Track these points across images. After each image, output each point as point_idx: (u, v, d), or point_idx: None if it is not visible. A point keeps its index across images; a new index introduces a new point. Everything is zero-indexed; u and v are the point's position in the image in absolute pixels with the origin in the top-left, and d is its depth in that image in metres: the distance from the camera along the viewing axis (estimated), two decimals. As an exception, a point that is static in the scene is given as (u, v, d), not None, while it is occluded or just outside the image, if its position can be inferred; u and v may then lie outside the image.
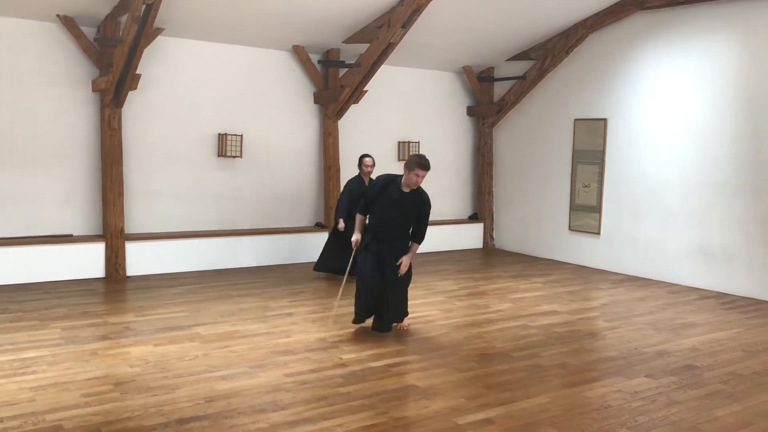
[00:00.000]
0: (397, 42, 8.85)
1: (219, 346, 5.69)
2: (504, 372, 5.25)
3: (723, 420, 4.43)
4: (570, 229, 10.35)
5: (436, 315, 6.97)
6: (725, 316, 7.28)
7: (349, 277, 6.78)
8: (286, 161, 9.78)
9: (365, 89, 9.64)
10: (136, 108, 8.52)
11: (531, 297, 7.93)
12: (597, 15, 9.56)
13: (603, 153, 9.81)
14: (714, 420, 4.42)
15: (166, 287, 7.87)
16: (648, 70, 9.23)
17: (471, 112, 11.59)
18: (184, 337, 5.90)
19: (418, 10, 8.28)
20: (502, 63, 11.14)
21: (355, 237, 6.19)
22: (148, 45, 7.93)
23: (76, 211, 8.35)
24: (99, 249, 8.27)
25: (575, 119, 10.18)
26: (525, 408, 4.52)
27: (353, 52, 9.55)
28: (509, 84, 11.08)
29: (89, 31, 8.07)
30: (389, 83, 10.49)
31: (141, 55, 7.69)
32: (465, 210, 11.79)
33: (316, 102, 9.92)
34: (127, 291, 7.71)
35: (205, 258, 8.96)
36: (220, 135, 9.14)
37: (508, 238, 11.50)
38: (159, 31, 8.06)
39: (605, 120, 9.77)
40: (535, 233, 10.93)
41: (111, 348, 5.57)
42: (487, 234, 11.68)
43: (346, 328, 6.34)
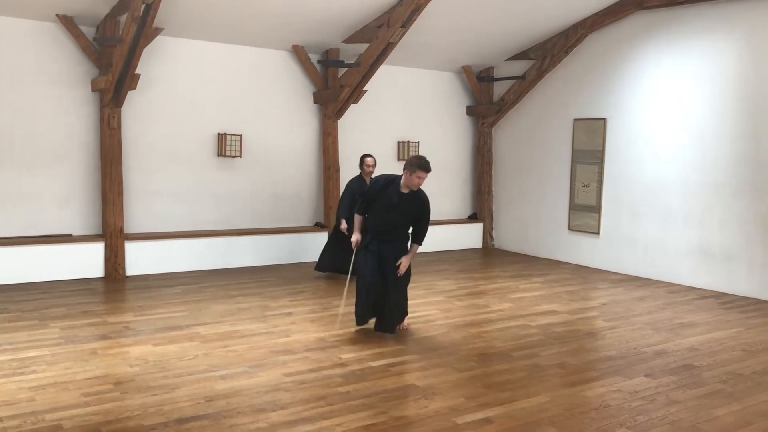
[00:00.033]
0: (397, 42, 8.86)
1: (218, 345, 5.69)
2: (503, 372, 5.25)
3: (722, 419, 4.43)
4: (569, 229, 10.36)
5: (435, 315, 6.97)
6: (724, 315, 7.28)
7: (352, 278, 6.77)
8: (285, 161, 9.78)
9: (365, 89, 9.64)
10: (135, 108, 8.53)
11: (530, 297, 7.93)
12: (596, 15, 9.56)
13: (602, 153, 9.81)
14: (713, 419, 4.42)
15: (165, 287, 7.87)
16: (647, 70, 9.24)
17: (470, 111, 11.59)
18: (183, 337, 5.90)
19: (417, 9, 8.28)
20: (501, 63, 11.14)
21: (356, 237, 6.19)
22: (147, 45, 7.94)
23: (75, 211, 8.35)
24: (98, 249, 8.27)
25: (575, 119, 10.18)
26: (524, 408, 4.53)
27: (353, 51, 9.55)
28: (509, 84, 11.08)
29: (89, 31, 8.07)
30: (389, 83, 10.49)
31: (140, 55, 7.70)
32: (464, 210, 11.79)
33: (315, 102, 9.93)
34: (127, 291, 7.71)
35: (205, 258, 8.96)
36: (219, 135, 9.14)
37: (507, 237, 11.50)
38: (158, 31, 8.07)
39: (605, 120, 9.78)
40: (535, 233, 10.93)
41: (110, 347, 5.57)
42: (487, 234, 11.68)
43: (345, 327, 6.34)
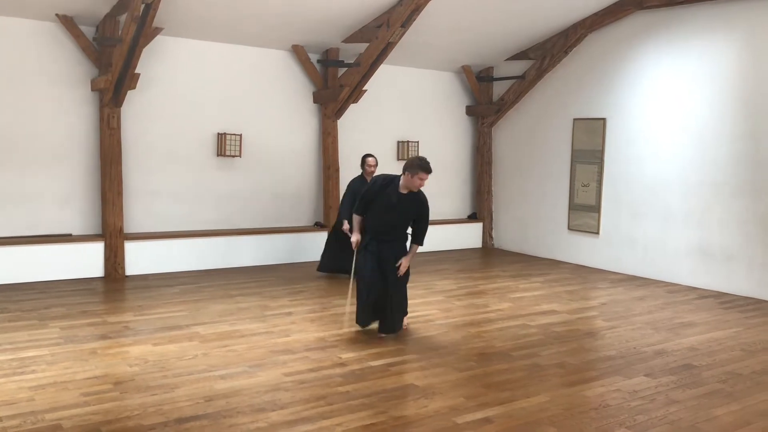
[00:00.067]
0: (396, 41, 8.86)
1: (218, 345, 5.69)
2: (503, 371, 5.26)
3: (721, 419, 4.43)
4: (569, 229, 10.36)
5: (435, 314, 6.97)
6: (724, 315, 7.28)
7: (355, 278, 6.76)
8: (285, 161, 9.78)
9: (364, 89, 9.64)
10: (135, 107, 8.52)
11: (530, 296, 7.93)
12: (596, 15, 9.56)
13: (602, 153, 9.82)
14: (712, 419, 4.43)
15: (165, 287, 7.87)
16: (647, 69, 9.24)
17: (470, 111, 11.59)
18: (183, 337, 5.90)
19: (417, 9, 8.28)
20: (501, 63, 11.14)
21: (356, 237, 6.17)
22: (147, 44, 7.94)
23: (75, 211, 8.35)
24: (98, 248, 8.27)
25: (574, 119, 10.18)
26: (524, 407, 4.53)
27: (352, 51, 9.55)
28: (508, 84, 11.08)
29: (88, 31, 8.06)
30: (388, 83, 10.49)
31: (140, 55, 7.70)
32: (464, 209, 11.79)
33: (315, 101, 9.93)
34: (126, 290, 7.70)
35: (204, 257, 8.96)
36: (219, 134, 9.14)
37: (507, 237, 11.50)
38: (158, 31, 8.07)
39: (604, 120, 9.78)
40: (534, 233, 10.93)
41: (110, 347, 5.57)
42: (486, 233, 11.68)
43: (345, 327, 6.35)
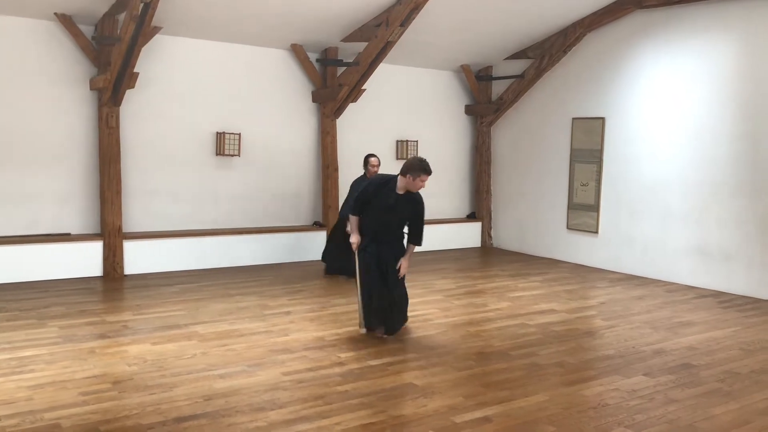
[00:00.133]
0: (396, 41, 8.85)
1: (217, 344, 5.69)
2: (502, 370, 5.26)
3: (720, 418, 4.43)
4: (568, 228, 10.36)
5: (434, 314, 6.97)
6: (723, 314, 7.29)
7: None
8: (284, 160, 9.77)
9: (363, 88, 9.63)
10: (133, 106, 8.52)
11: (529, 296, 7.94)
12: (595, 14, 9.56)
13: (601, 152, 9.81)
14: (711, 418, 4.43)
15: (163, 286, 7.86)
16: (646, 69, 9.24)
17: (469, 110, 11.59)
18: (182, 336, 5.90)
19: (416, 8, 8.27)
20: (500, 62, 11.14)
21: (356, 238, 6.10)
22: (145, 43, 7.93)
23: (74, 210, 8.34)
24: (97, 248, 8.27)
25: (573, 118, 10.18)
26: (523, 406, 4.53)
27: (351, 50, 9.55)
28: (507, 83, 11.08)
29: (87, 30, 8.06)
30: (387, 82, 10.48)
31: (139, 54, 7.69)
32: (463, 209, 11.79)
33: (314, 101, 9.92)
34: (125, 290, 7.70)
35: (203, 257, 8.96)
36: (218, 134, 9.13)
37: (506, 236, 11.50)
38: (157, 30, 8.06)
39: (603, 119, 9.78)
40: (533, 232, 10.93)
41: (109, 346, 5.57)
42: (485, 233, 11.68)
43: (344, 327, 6.35)
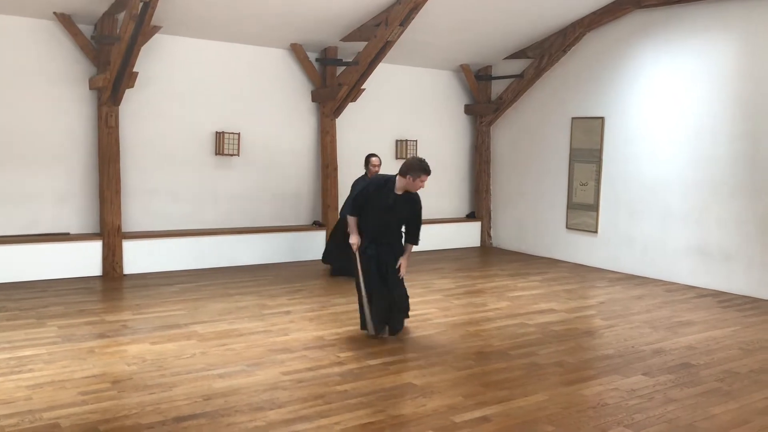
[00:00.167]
0: (395, 40, 8.85)
1: (216, 344, 5.69)
2: (501, 370, 5.26)
3: (719, 418, 4.44)
4: (567, 228, 10.36)
5: (433, 313, 6.97)
6: (722, 314, 7.29)
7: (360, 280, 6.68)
8: (283, 159, 9.77)
9: (363, 87, 9.63)
10: (133, 106, 8.51)
11: (528, 295, 7.94)
12: (594, 14, 9.56)
13: (600, 151, 9.81)
14: (710, 418, 4.43)
15: (163, 285, 7.86)
16: (645, 68, 9.24)
17: (469, 110, 11.59)
18: (181, 336, 5.90)
19: (415, 8, 8.27)
20: (499, 61, 11.14)
21: (356, 239, 6.05)
22: (145, 43, 7.93)
23: (73, 210, 8.33)
24: (96, 247, 8.26)
25: (572, 118, 10.18)
26: (522, 406, 4.53)
27: (351, 50, 9.54)
28: (507, 82, 11.08)
29: (86, 29, 8.05)
30: (387, 81, 10.47)
31: (138, 53, 7.68)
32: (462, 208, 11.79)
33: (313, 100, 9.92)
34: (124, 289, 7.70)
35: (203, 256, 8.95)
36: (217, 133, 9.13)
37: (505, 236, 11.50)
38: (156, 29, 8.05)
39: (602, 118, 9.78)
40: (533, 232, 10.93)
41: (108, 346, 5.57)
42: (485, 232, 11.68)
43: (344, 326, 6.35)
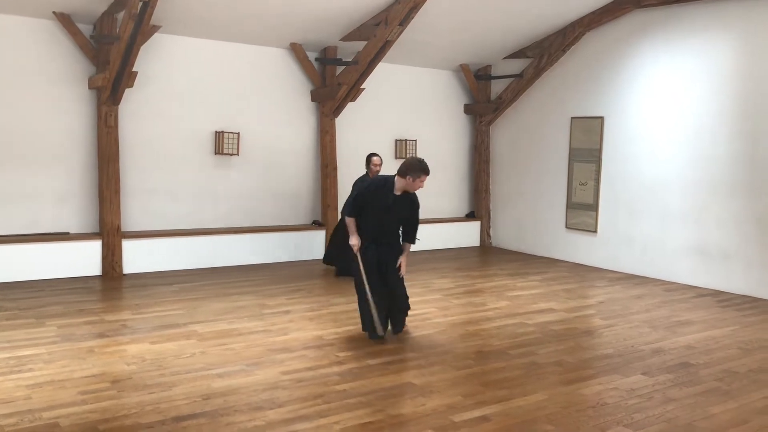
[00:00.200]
0: (395, 40, 8.84)
1: (216, 343, 5.69)
2: (501, 369, 5.26)
3: (718, 417, 4.44)
4: (567, 227, 10.36)
5: (433, 313, 6.97)
6: (721, 313, 7.29)
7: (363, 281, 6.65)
8: (283, 159, 9.77)
9: (362, 87, 9.63)
10: (132, 105, 8.51)
11: (528, 295, 7.94)
12: (594, 13, 9.56)
13: (600, 151, 9.82)
14: (710, 417, 4.43)
15: (162, 285, 7.86)
16: (645, 68, 9.24)
17: (468, 110, 11.59)
18: (180, 335, 5.90)
19: (415, 7, 8.27)
20: (499, 61, 11.14)
21: (356, 240, 6.00)
22: (144, 42, 7.92)
23: (72, 209, 8.33)
24: (95, 247, 8.26)
25: (572, 117, 10.18)
26: (521, 405, 4.53)
27: (350, 49, 9.54)
28: (506, 82, 11.08)
29: (86, 28, 8.05)
30: (386, 81, 10.47)
31: (137, 53, 7.68)
32: (462, 208, 11.79)
33: (313, 100, 9.92)
34: (124, 289, 7.70)
35: (202, 256, 8.95)
36: (216, 133, 9.13)
37: (504, 236, 11.50)
38: (155, 29, 8.05)
39: (602, 118, 9.78)
40: (532, 231, 10.94)
41: (108, 346, 5.57)
42: (484, 232, 11.69)
43: (343, 326, 6.35)
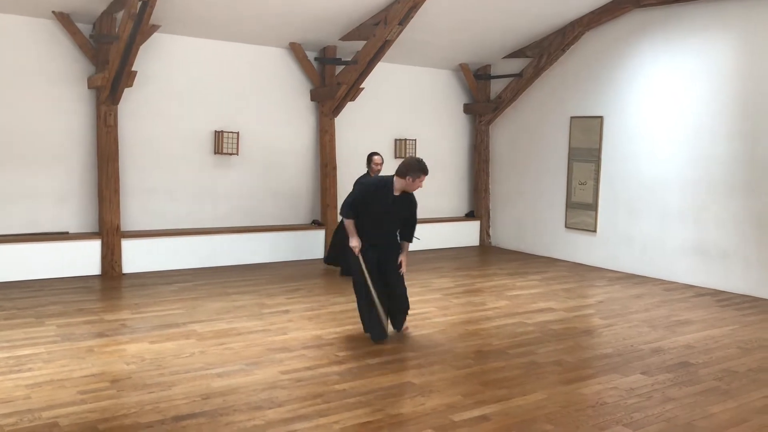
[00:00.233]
0: (394, 39, 8.84)
1: (215, 343, 5.69)
2: (500, 369, 5.26)
3: (718, 417, 4.44)
4: (566, 227, 10.37)
5: (432, 312, 6.97)
6: (720, 313, 7.30)
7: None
8: (282, 159, 9.76)
9: (362, 86, 9.63)
10: (131, 105, 8.51)
11: (527, 294, 7.94)
12: (593, 13, 9.56)
13: (599, 151, 9.82)
14: (709, 417, 4.44)
15: (162, 284, 7.86)
16: (644, 67, 9.24)
17: (468, 109, 11.59)
18: (180, 335, 5.90)
19: (414, 7, 8.27)
20: (498, 61, 11.14)
21: (356, 242, 5.96)
22: (144, 42, 7.92)
23: (72, 209, 8.33)
24: (95, 246, 8.26)
25: (571, 117, 10.18)
26: (521, 405, 4.53)
27: (350, 49, 9.54)
28: (506, 82, 11.08)
29: (85, 28, 8.05)
30: (386, 80, 10.47)
31: (137, 52, 7.68)
32: (461, 208, 11.79)
33: (312, 99, 9.91)
34: (123, 288, 7.70)
35: (201, 255, 8.95)
36: (216, 132, 9.13)
37: (504, 235, 11.51)
38: (155, 28, 8.04)
39: (601, 118, 9.78)
40: (532, 231, 10.94)
41: (107, 345, 5.57)
42: (484, 231, 11.69)
43: (343, 325, 6.35)
